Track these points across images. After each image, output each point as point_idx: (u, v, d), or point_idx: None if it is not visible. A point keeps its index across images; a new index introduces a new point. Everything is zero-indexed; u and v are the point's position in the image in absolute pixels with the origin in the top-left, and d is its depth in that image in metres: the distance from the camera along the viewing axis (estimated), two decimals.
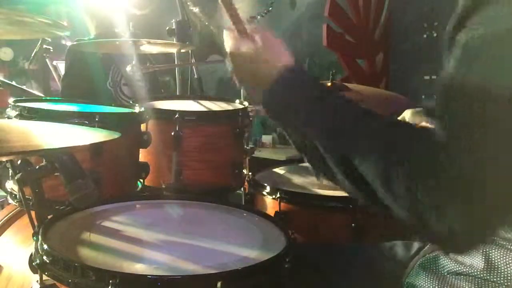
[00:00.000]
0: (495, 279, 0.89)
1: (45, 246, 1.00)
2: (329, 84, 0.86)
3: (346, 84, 2.06)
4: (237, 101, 2.00)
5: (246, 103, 1.95)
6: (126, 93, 2.90)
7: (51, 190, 1.36)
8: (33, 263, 1.02)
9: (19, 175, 1.17)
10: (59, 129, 1.21)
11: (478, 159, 0.68)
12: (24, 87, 3.07)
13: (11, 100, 1.61)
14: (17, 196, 1.51)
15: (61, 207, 1.36)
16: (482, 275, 0.90)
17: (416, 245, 1.13)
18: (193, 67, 2.65)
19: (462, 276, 0.94)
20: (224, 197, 1.84)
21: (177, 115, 1.69)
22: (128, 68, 2.17)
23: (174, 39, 2.49)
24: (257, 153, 2.16)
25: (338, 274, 1.16)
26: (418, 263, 1.01)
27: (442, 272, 0.97)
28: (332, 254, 1.25)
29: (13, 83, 2.99)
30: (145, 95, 2.45)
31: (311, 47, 4.62)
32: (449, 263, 0.97)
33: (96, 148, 1.49)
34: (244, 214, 1.36)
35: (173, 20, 2.47)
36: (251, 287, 0.98)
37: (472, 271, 0.92)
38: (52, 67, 3.03)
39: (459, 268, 0.94)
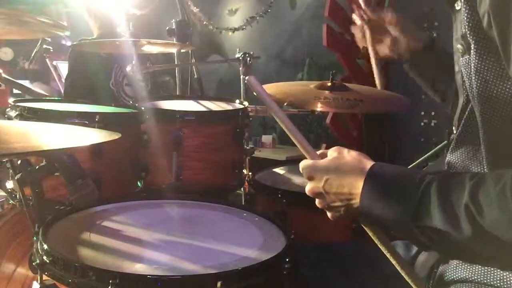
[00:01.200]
0: (492, 283, 0.89)
1: (45, 246, 1.00)
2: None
3: (346, 84, 2.07)
4: (237, 101, 2.00)
5: (246, 103, 1.95)
6: (128, 93, 2.90)
7: (51, 190, 1.36)
8: (33, 263, 1.01)
9: (19, 175, 1.17)
10: (59, 129, 1.21)
11: None
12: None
13: (11, 100, 1.62)
14: (17, 196, 1.51)
15: (61, 207, 1.36)
16: (480, 279, 0.90)
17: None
18: (193, 67, 2.65)
19: (459, 284, 0.94)
20: (224, 197, 1.84)
21: (177, 115, 1.69)
22: (128, 68, 2.18)
23: (174, 39, 2.49)
24: (257, 153, 2.16)
25: (338, 274, 1.16)
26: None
27: (441, 280, 0.98)
28: (332, 254, 1.25)
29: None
30: (146, 95, 2.45)
31: (311, 47, 4.62)
32: (447, 270, 0.97)
33: (96, 148, 1.49)
34: (244, 214, 1.36)
35: (173, 20, 2.47)
36: (251, 287, 0.98)
37: (470, 275, 0.92)
38: (52, 67, 3.03)
39: (458, 275, 0.94)
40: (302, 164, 0.96)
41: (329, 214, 0.95)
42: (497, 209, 0.72)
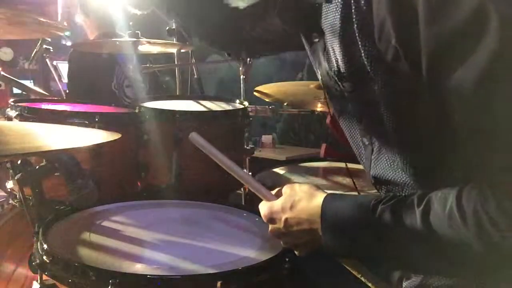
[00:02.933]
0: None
1: (45, 246, 1.00)
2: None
3: None
4: (237, 101, 2.00)
5: (246, 103, 1.95)
6: (129, 94, 2.90)
7: (51, 190, 1.36)
8: (33, 263, 1.01)
9: (19, 175, 1.17)
10: (59, 129, 1.21)
11: None
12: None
13: (11, 100, 1.62)
14: (17, 196, 1.51)
15: (61, 207, 1.36)
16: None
17: None
18: (193, 67, 2.65)
19: None
20: (224, 197, 1.84)
21: (177, 115, 1.69)
22: (129, 69, 2.18)
23: (174, 39, 2.48)
24: (257, 153, 2.16)
25: (338, 273, 1.16)
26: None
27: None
28: None
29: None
30: (145, 96, 2.46)
31: None
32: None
33: (96, 148, 1.49)
34: (244, 214, 1.36)
35: (173, 20, 2.46)
36: (251, 287, 0.98)
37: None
38: (52, 67, 3.04)
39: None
40: (260, 207, 0.99)
41: (296, 252, 0.98)
42: (451, 234, 0.74)
